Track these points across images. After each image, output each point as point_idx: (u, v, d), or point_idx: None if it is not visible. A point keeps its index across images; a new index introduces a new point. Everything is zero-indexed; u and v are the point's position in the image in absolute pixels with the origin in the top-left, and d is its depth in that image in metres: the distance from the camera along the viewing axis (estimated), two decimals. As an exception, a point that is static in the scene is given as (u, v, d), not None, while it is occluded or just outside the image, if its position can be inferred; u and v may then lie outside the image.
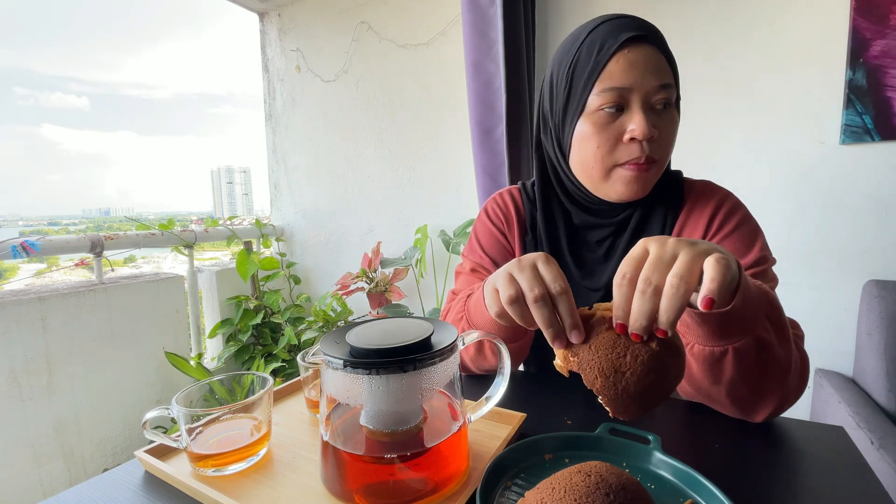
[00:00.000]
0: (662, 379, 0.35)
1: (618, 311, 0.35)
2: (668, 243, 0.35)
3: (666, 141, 0.57)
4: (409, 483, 0.38)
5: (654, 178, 0.59)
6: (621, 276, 0.35)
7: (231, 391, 0.49)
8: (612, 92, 0.54)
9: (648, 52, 0.55)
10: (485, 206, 0.77)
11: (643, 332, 0.34)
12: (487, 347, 0.61)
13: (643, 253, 0.36)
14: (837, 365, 1.30)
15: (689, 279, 0.33)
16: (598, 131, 0.56)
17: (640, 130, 0.54)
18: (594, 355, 0.35)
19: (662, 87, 0.55)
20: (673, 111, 0.57)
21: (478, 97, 1.39)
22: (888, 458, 0.89)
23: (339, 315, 1.84)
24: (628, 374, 0.34)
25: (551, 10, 1.58)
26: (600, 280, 0.64)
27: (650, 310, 0.33)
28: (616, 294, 0.35)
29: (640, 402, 0.35)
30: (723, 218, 0.59)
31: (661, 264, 0.34)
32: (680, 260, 0.34)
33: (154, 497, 0.40)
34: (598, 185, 0.60)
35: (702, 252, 0.34)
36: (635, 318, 0.34)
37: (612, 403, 0.36)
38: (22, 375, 1.29)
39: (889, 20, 1.16)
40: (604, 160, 0.57)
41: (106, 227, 2.30)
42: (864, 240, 1.25)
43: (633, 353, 0.34)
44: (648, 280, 0.34)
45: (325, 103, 2.11)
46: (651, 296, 0.33)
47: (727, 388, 0.47)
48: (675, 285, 0.33)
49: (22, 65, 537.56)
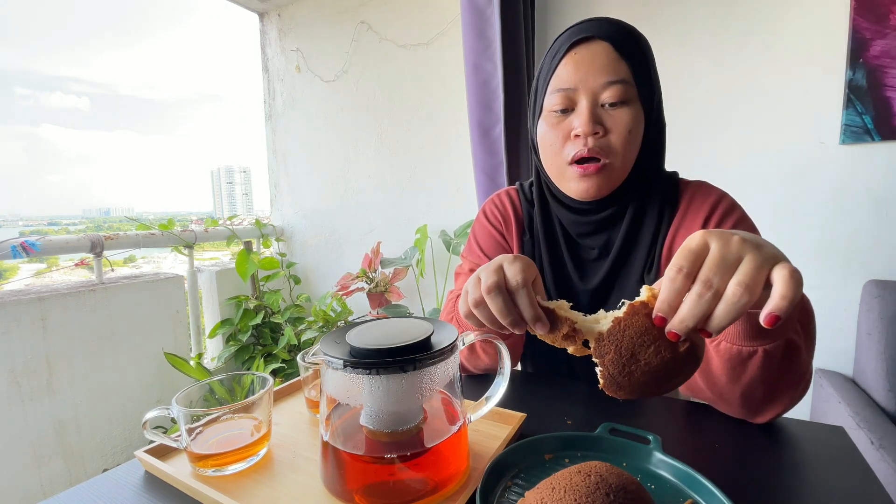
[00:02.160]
0: (669, 379, 0.34)
1: (662, 304, 0.33)
2: (732, 242, 0.32)
3: (615, 139, 0.56)
4: (409, 483, 0.38)
5: (609, 178, 0.58)
6: (677, 268, 0.32)
7: (231, 391, 0.49)
8: (559, 93, 0.57)
9: (597, 51, 0.56)
10: (483, 207, 0.77)
11: (684, 334, 0.32)
12: (479, 347, 0.61)
13: (703, 247, 0.33)
14: (837, 365, 1.30)
15: (754, 289, 0.30)
16: (550, 130, 0.59)
17: (580, 127, 0.56)
18: (621, 333, 0.34)
19: (610, 83, 0.55)
20: (627, 108, 0.56)
21: (476, 97, 1.39)
22: (888, 458, 0.89)
23: (339, 315, 1.84)
24: (642, 364, 0.33)
25: (551, 11, 1.58)
26: (593, 280, 0.64)
27: (702, 313, 0.31)
28: (666, 286, 0.32)
29: (636, 389, 0.35)
30: (719, 218, 0.59)
31: (724, 265, 0.31)
32: (746, 265, 0.31)
33: (154, 497, 0.40)
34: (559, 182, 0.62)
35: (769, 258, 0.31)
36: (682, 319, 0.32)
37: (609, 378, 0.35)
38: (22, 375, 1.29)
39: (889, 20, 1.16)
40: (556, 158, 0.60)
41: (106, 227, 2.30)
42: (864, 240, 1.25)
43: (658, 347, 0.33)
44: (709, 282, 0.31)
45: (325, 103, 2.11)
46: (709, 300, 0.31)
47: (744, 388, 0.47)
48: (739, 295, 0.30)
49: (22, 65, 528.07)
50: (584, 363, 0.67)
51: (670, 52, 1.39)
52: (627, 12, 1.45)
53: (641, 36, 0.59)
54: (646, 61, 0.58)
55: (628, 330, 0.34)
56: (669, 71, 1.37)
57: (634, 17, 1.43)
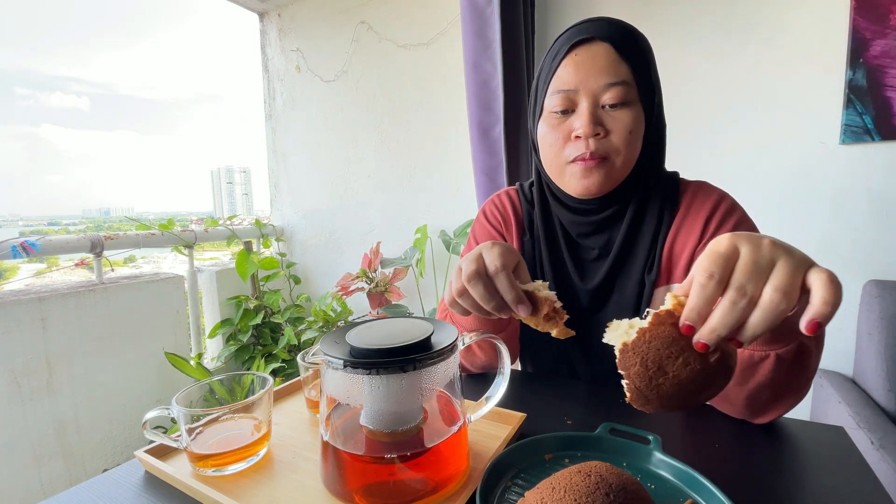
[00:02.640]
0: (699, 392, 0.32)
1: (691, 312, 0.31)
2: (763, 246, 0.31)
3: (616, 140, 0.56)
4: (409, 483, 0.38)
5: (610, 175, 0.58)
6: (708, 274, 0.30)
7: (231, 391, 0.49)
8: (560, 94, 0.57)
9: (597, 53, 0.56)
10: (483, 207, 0.77)
11: (714, 344, 0.30)
12: (474, 344, 0.61)
13: (733, 251, 0.31)
14: (837, 365, 1.30)
15: (791, 296, 0.29)
16: (550, 131, 0.59)
17: (580, 129, 0.56)
18: (647, 344, 0.32)
19: (611, 85, 0.55)
20: (628, 109, 0.56)
21: (476, 97, 1.39)
22: (888, 458, 0.89)
23: (339, 315, 1.84)
24: (670, 376, 0.32)
25: (551, 11, 1.58)
26: (593, 280, 0.64)
27: (736, 321, 0.29)
28: (697, 294, 0.31)
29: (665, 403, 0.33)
30: (720, 219, 0.59)
31: (757, 271, 0.30)
32: (781, 270, 0.29)
33: (154, 497, 0.40)
34: (559, 181, 0.62)
35: (802, 262, 0.30)
36: (713, 328, 0.30)
37: (636, 391, 0.33)
38: (22, 375, 1.29)
39: (889, 20, 1.16)
40: (556, 158, 0.60)
41: (106, 227, 2.30)
42: (864, 240, 1.25)
43: (686, 359, 0.31)
44: (743, 289, 0.29)
45: (325, 103, 2.11)
46: (744, 307, 0.29)
47: (750, 391, 0.47)
48: (776, 301, 0.29)
49: (22, 65, 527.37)
50: (585, 363, 0.67)
51: (670, 53, 1.39)
52: (628, 12, 1.45)
53: (642, 36, 0.59)
54: (646, 62, 0.58)
55: (654, 341, 0.32)
56: (669, 71, 1.37)
57: (635, 17, 1.43)
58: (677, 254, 0.61)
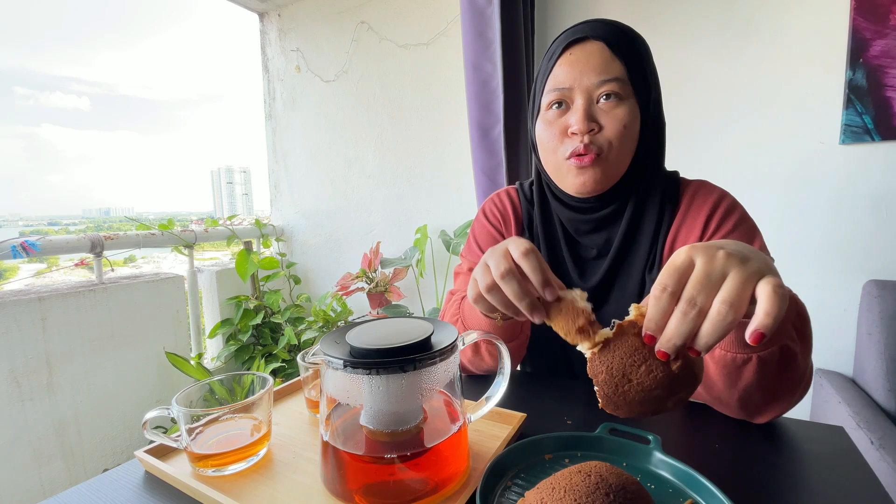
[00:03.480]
0: (666, 398, 0.33)
1: (650, 322, 0.32)
2: (717, 257, 0.32)
3: (610, 135, 0.57)
4: (409, 483, 0.38)
5: (605, 171, 0.58)
6: (661, 287, 0.32)
7: (231, 391, 0.49)
8: (555, 92, 0.59)
9: (591, 51, 0.57)
10: (482, 206, 0.77)
11: (672, 352, 0.32)
12: (484, 349, 0.61)
13: (687, 263, 0.32)
14: (837, 365, 1.30)
15: (739, 307, 0.30)
16: (547, 129, 0.60)
17: (575, 125, 0.57)
18: (611, 354, 0.34)
19: (604, 81, 0.56)
20: (622, 105, 0.57)
21: (476, 97, 1.39)
22: (888, 458, 0.89)
23: (339, 315, 1.84)
24: (634, 383, 0.33)
25: (551, 11, 1.58)
26: (593, 278, 0.64)
27: (688, 332, 0.31)
28: (652, 306, 0.32)
29: (633, 408, 0.34)
30: (720, 218, 0.59)
31: (708, 283, 0.31)
32: (731, 282, 0.30)
33: (154, 497, 0.40)
34: (557, 179, 0.63)
35: (754, 273, 0.31)
36: (669, 338, 0.31)
37: (605, 398, 0.35)
38: (22, 375, 1.29)
39: (889, 20, 1.16)
40: (553, 154, 0.61)
41: (106, 227, 2.30)
42: (864, 240, 1.25)
43: (650, 367, 0.32)
44: (693, 301, 0.31)
45: (325, 103, 2.11)
46: (694, 318, 0.30)
47: (741, 393, 0.47)
48: (724, 313, 0.30)
49: (22, 65, 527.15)
50: (584, 363, 0.67)
51: (670, 53, 1.39)
52: (627, 13, 1.45)
53: (637, 36, 0.59)
54: (641, 60, 0.58)
55: (618, 350, 0.34)
56: (669, 71, 1.37)
57: (634, 17, 1.44)
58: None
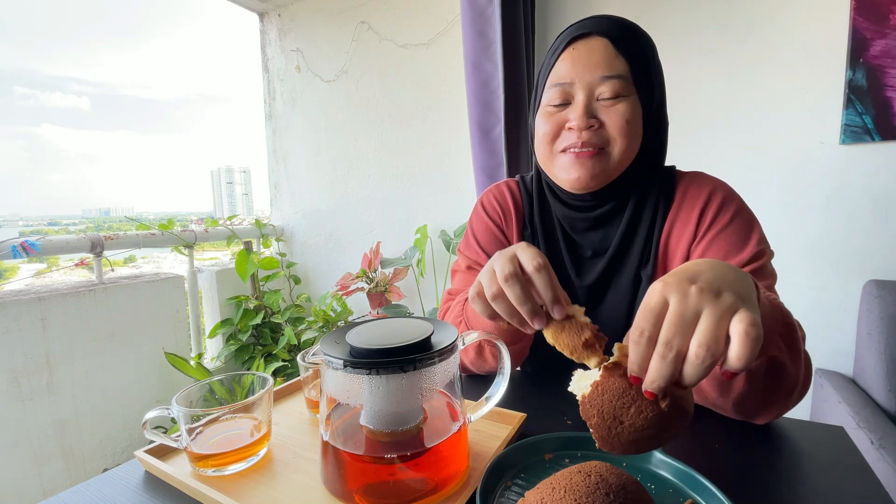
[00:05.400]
0: (659, 435, 0.34)
1: (633, 366, 0.32)
2: (689, 295, 0.31)
3: (612, 132, 0.56)
4: (409, 483, 0.38)
5: (605, 167, 0.58)
6: (638, 332, 0.32)
7: (231, 391, 0.49)
8: (557, 87, 0.58)
9: (594, 47, 0.56)
10: (481, 198, 0.75)
11: (658, 393, 0.32)
12: (487, 351, 0.61)
13: (662, 305, 0.32)
14: (837, 365, 1.30)
15: (715, 350, 0.30)
16: (545, 121, 0.60)
17: (574, 120, 0.57)
18: (600, 397, 0.34)
19: (607, 78, 0.56)
20: (624, 102, 0.56)
21: (476, 97, 1.39)
22: (888, 458, 0.89)
23: (339, 315, 1.84)
24: (626, 424, 0.33)
25: (551, 11, 1.58)
26: (589, 277, 0.64)
27: (670, 374, 0.31)
28: (632, 350, 0.33)
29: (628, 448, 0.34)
30: (715, 211, 0.59)
31: (683, 324, 0.31)
32: (704, 323, 0.30)
33: (154, 497, 0.40)
34: (550, 172, 0.62)
35: (727, 310, 0.31)
36: (652, 380, 0.31)
37: (601, 440, 0.35)
38: (22, 375, 1.29)
39: (889, 20, 1.16)
40: (548, 147, 0.61)
41: (106, 227, 2.30)
42: (864, 240, 1.25)
43: (639, 407, 0.32)
44: (669, 344, 0.31)
45: (325, 103, 2.11)
46: (672, 360, 0.31)
47: (734, 401, 0.48)
48: (701, 357, 0.30)
49: (22, 65, 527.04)
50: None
51: (670, 53, 1.39)
52: (627, 13, 1.45)
53: (643, 32, 0.59)
54: (645, 57, 0.58)
55: (606, 393, 0.34)
56: (669, 71, 1.37)
57: (634, 17, 1.43)
58: (672, 248, 0.61)
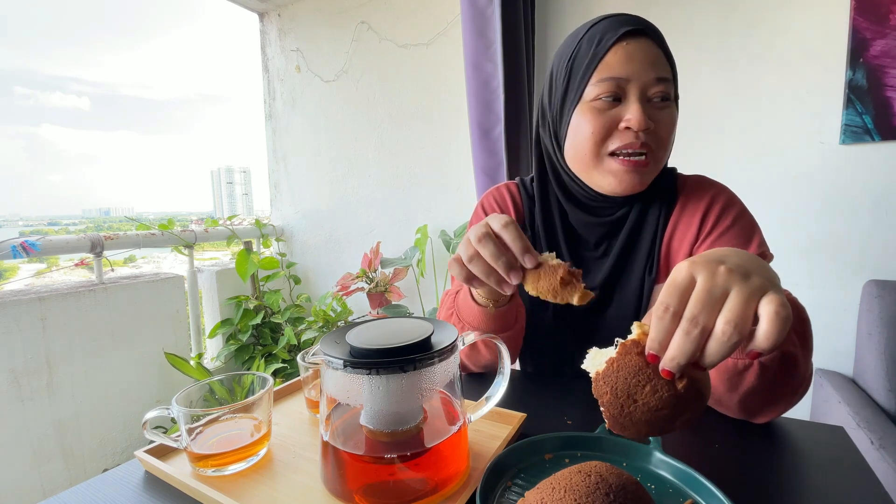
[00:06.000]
0: (674, 418, 0.33)
1: (653, 342, 0.32)
2: (718, 274, 0.31)
3: (663, 135, 0.56)
4: (409, 483, 0.38)
5: (651, 174, 0.58)
6: (663, 307, 0.31)
7: (231, 391, 0.49)
8: (609, 81, 0.55)
9: (646, 46, 0.55)
10: (481, 200, 0.75)
11: (676, 371, 0.31)
12: (479, 342, 0.61)
13: (688, 281, 0.31)
14: (837, 365, 1.30)
15: (743, 327, 0.29)
16: (594, 118, 0.56)
17: (635, 120, 0.53)
18: (615, 374, 0.33)
19: (660, 80, 0.55)
20: (671, 106, 0.57)
21: (476, 97, 1.39)
22: (888, 458, 0.89)
23: (339, 315, 1.84)
24: (640, 404, 0.32)
25: (551, 11, 1.58)
26: (595, 279, 0.64)
27: (692, 351, 0.30)
28: (655, 325, 0.32)
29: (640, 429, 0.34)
30: (718, 214, 0.59)
31: (710, 301, 0.30)
32: (733, 301, 0.30)
33: (154, 497, 0.40)
34: (591, 174, 0.59)
35: (756, 290, 0.30)
36: (672, 357, 0.30)
37: (611, 419, 0.34)
38: (22, 375, 1.29)
39: (889, 20, 1.16)
40: (597, 146, 0.57)
41: (106, 227, 2.30)
42: (864, 240, 1.25)
43: (654, 386, 0.32)
44: (695, 320, 0.30)
45: (325, 103, 2.11)
46: (697, 337, 0.30)
47: (741, 396, 0.47)
48: (728, 333, 0.29)
49: (22, 65, 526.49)
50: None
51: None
52: (627, 11, 1.45)
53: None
54: (674, 65, 0.58)
55: (622, 371, 0.33)
56: (669, 71, 1.37)
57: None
58: (675, 250, 0.61)
